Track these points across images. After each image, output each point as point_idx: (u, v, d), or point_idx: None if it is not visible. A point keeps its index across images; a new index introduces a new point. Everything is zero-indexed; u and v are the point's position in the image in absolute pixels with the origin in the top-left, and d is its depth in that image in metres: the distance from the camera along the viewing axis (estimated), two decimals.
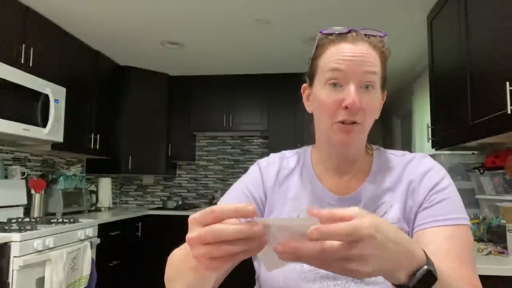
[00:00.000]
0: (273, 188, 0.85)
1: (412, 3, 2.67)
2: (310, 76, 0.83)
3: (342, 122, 0.74)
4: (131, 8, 2.87)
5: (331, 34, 0.78)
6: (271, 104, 4.25)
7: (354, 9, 2.81)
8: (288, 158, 0.90)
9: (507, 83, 1.57)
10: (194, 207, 4.34)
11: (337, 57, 0.75)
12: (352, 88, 0.73)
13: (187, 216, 0.55)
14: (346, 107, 0.73)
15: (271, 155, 0.91)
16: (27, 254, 2.17)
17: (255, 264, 0.86)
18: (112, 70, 3.98)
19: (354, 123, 0.74)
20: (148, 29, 3.25)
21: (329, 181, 0.83)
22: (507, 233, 1.67)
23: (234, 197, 0.85)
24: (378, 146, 0.89)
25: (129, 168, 4.05)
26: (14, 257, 2.11)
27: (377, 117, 0.80)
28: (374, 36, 0.77)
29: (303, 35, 3.28)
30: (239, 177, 0.95)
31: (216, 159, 4.74)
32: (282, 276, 0.76)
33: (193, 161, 4.73)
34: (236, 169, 4.69)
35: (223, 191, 4.57)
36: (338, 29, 0.78)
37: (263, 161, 0.90)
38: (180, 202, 4.34)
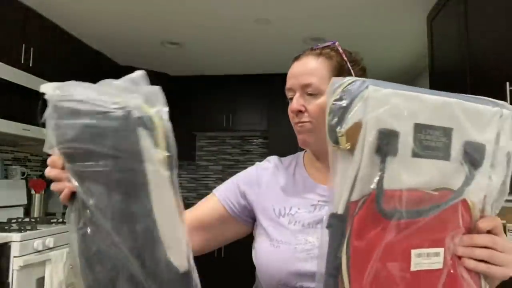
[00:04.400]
0: (267, 185, 0.94)
1: (412, 3, 2.67)
2: None
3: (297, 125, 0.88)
4: (131, 8, 2.87)
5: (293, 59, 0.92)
6: (271, 104, 4.25)
7: (354, 9, 2.81)
8: (283, 160, 1.00)
9: (507, 83, 1.57)
10: None
11: (287, 78, 0.90)
12: (295, 97, 0.87)
13: None
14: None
15: (268, 157, 1.02)
16: (27, 254, 2.17)
17: (253, 252, 0.90)
18: (112, 70, 3.98)
19: (305, 122, 0.86)
20: (148, 29, 3.25)
21: (319, 176, 0.91)
22: (507, 233, 1.67)
23: (225, 186, 0.97)
24: None
25: None
26: (14, 257, 2.11)
27: None
28: (322, 47, 0.89)
29: (303, 35, 3.28)
30: None
31: (216, 159, 4.74)
32: (277, 257, 0.83)
33: (193, 161, 4.73)
34: (236, 169, 4.69)
35: None
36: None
37: (260, 163, 1.01)
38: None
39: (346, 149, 0.52)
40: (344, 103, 0.51)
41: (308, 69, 0.86)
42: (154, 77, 4.06)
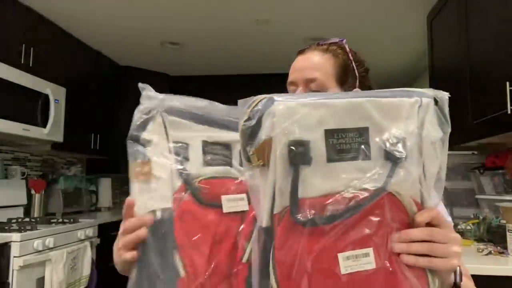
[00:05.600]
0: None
1: (412, 3, 2.67)
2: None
3: None
4: (131, 8, 2.87)
5: (297, 52, 0.90)
6: None
7: (354, 9, 2.81)
8: None
9: (507, 83, 1.57)
10: None
11: (291, 71, 0.88)
12: (298, 91, 0.85)
13: None
14: None
15: None
16: (27, 254, 2.17)
17: None
18: (112, 70, 3.98)
19: None
20: (148, 29, 3.25)
21: None
22: (507, 233, 1.67)
23: None
24: None
25: None
26: (14, 257, 2.11)
27: None
28: (329, 43, 0.87)
29: (303, 35, 3.28)
30: None
31: None
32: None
33: None
34: None
35: None
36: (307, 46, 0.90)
37: None
38: None
39: (259, 166, 0.53)
40: (252, 122, 0.53)
41: (313, 63, 0.85)
42: (154, 77, 4.08)
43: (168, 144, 0.64)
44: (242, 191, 0.65)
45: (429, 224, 0.55)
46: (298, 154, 0.51)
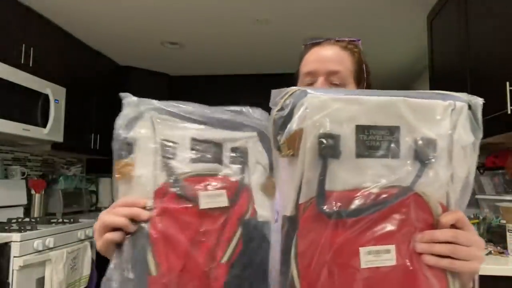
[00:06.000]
0: None
1: (412, 3, 2.67)
2: (296, 83, 0.93)
3: None
4: (131, 8, 2.87)
5: (310, 44, 0.90)
6: None
7: (354, 9, 2.81)
8: None
9: (507, 83, 1.57)
10: None
11: (308, 61, 0.87)
12: (319, 82, 0.83)
13: None
14: None
15: None
16: (27, 254, 2.17)
17: None
18: (112, 70, 3.98)
19: None
20: (148, 29, 3.25)
21: None
22: (507, 233, 1.67)
23: None
24: None
25: None
26: (14, 257, 2.11)
27: None
28: (345, 40, 0.88)
29: (303, 35, 3.28)
30: None
31: None
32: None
33: None
34: None
35: None
36: (317, 39, 0.91)
37: None
38: None
39: (289, 155, 0.54)
40: (285, 112, 0.54)
41: (336, 57, 0.85)
42: (154, 77, 4.06)
43: (155, 142, 0.64)
44: (224, 188, 0.62)
45: (453, 226, 0.54)
46: (328, 147, 0.52)
